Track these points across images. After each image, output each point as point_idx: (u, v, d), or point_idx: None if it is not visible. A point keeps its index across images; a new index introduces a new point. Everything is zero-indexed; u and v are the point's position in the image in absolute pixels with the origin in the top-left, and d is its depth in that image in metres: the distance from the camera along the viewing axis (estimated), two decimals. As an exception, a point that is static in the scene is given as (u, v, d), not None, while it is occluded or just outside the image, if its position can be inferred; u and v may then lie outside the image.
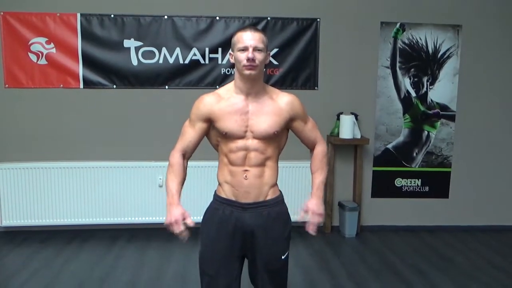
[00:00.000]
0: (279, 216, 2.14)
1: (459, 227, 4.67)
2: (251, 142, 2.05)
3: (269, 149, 2.09)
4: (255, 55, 1.96)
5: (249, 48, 1.96)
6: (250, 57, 1.95)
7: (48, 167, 4.20)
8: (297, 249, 4.10)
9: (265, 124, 2.04)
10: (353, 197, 4.56)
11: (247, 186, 2.06)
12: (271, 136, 2.06)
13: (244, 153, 2.05)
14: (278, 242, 2.12)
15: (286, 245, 2.16)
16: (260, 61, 1.99)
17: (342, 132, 4.31)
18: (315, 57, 4.40)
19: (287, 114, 2.11)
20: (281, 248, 2.13)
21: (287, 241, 2.17)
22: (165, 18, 4.24)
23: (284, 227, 2.15)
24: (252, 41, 1.97)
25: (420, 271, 3.68)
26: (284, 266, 2.16)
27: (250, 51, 1.95)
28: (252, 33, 1.99)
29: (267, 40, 2.05)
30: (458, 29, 4.44)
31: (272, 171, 2.13)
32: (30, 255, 3.86)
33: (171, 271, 3.57)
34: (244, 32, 2.00)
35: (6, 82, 4.20)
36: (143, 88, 4.33)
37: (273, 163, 2.13)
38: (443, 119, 4.55)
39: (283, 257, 2.13)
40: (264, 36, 2.03)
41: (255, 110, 2.05)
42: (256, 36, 1.99)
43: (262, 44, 1.99)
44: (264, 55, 2.01)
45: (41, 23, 4.15)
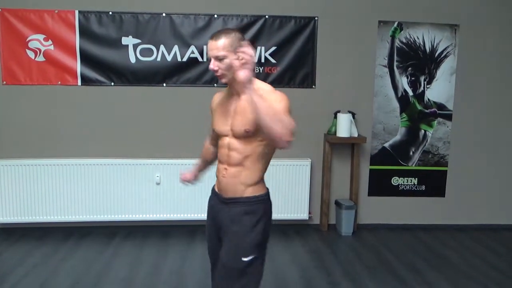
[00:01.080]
0: (247, 215, 2.06)
1: (455, 226, 4.69)
2: (231, 141, 2.08)
3: (248, 148, 2.05)
4: (216, 65, 2.01)
5: (211, 59, 2.02)
6: (211, 68, 2.02)
7: (45, 164, 4.20)
8: (293, 247, 4.12)
9: (239, 123, 2.05)
10: (350, 196, 4.58)
11: (225, 184, 2.13)
12: (244, 134, 2.03)
13: (226, 151, 2.11)
14: (240, 241, 2.05)
15: (251, 248, 2.04)
16: (224, 68, 2.01)
17: (339, 130, 4.32)
18: (313, 55, 4.41)
19: None
20: (242, 249, 2.03)
21: (253, 245, 2.04)
22: (163, 15, 4.25)
23: (250, 228, 2.05)
24: (212, 52, 2.01)
25: (415, 269, 3.70)
26: (244, 270, 2.03)
27: (211, 63, 2.02)
28: (211, 42, 2.01)
29: (235, 39, 2.00)
30: (455, 28, 4.45)
31: (250, 172, 2.07)
32: (27, 252, 3.86)
33: (168, 268, 3.58)
34: (209, 42, 2.04)
35: (4, 79, 4.20)
36: (141, 86, 4.33)
37: (252, 163, 2.07)
38: (440, 118, 4.57)
39: (244, 259, 2.02)
40: (226, 38, 1.99)
41: (237, 109, 2.07)
42: (214, 46, 2.00)
43: (223, 51, 1.98)
44: (228, 60, 1.99)
45: (39, 20, 4.14)
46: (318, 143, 4.52)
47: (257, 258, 2.07)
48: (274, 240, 4.21)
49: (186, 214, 4.31)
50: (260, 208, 2.10)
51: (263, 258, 2.12)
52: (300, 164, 4.39)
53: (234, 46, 2.01)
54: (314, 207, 4.58)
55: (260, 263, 2.10)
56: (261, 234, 2.07)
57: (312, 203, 4.55)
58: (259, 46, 4.34)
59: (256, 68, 4.37)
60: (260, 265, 2.10)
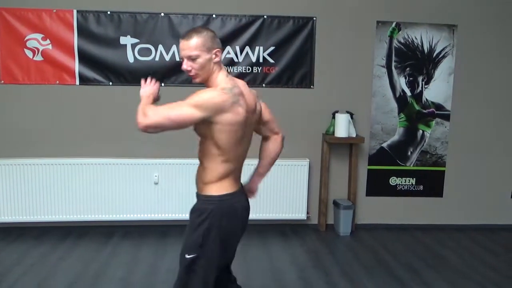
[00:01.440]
0: (196, 213, 2.05)
1: (453, 226, 4.70)
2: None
3: (202, 148, 2.07)
4: (189, 64, 2.00)
5: (184, 59, 2.01)
6: (183, 68, 2.02)
7: (43, 164, 4.20)
8: (291, 247, 4.12)
9: None
10: (348, 196, 4.58)
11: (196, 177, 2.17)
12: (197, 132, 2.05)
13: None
14: (187, 237, 2.05)
15: (192, 247, 2.01)
16: (197, 68, 2.00)
17: (338, 130, 4.32)
18: (311, 55, 4.41)
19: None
20: (187, 244, 2.03)
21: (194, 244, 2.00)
22: (162, 15, 4.24)
23: (194, 226, 2.02)
24: (184, 51, 2.00)
25: (413, 269, 3.70)
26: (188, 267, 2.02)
27: (184, 62, 2.01)
28: (183, 41, 2.00)
29: (207, 39, 2.00)
30: (453, 28, 4.46)
31: (205, 171, 2.06)
32: (25, 251, 3.86)
33: (165, 268, 3.58)
34: (180, 41, 2.03)
35: (2, 78, 4.20)
36: (139, 85, 4.27)
37: (207, 162, 2.06)
38: (438, 119, 4.57)
39: (187, 256, 2.01)
40: (198, 38, 1.98)
41: None
42: (186, 45, 1.98)
43: (196, 50, 1.97)
44: (201, 60, 1.98)
45: (37, 19, 4.14)
46: (316, 143, 4.52)
47: (199, 258, 2.01)
48: (272, 239, 4.24)
49: (184, 214, 4.26)
50: (207, 209, 2.02)
51: (207, 261, 2.02)
52: (298, 164, 4.39)
53: (206, 45, 2.00)
54: (312, 207, 4.58)
55: (204, 264, 2.02)
56: (202, 236, 1.99)
57: (310, 203, 4.55)
58: (257, 46, 4.34)
59: (254, 69, 4.37)
60: (203, 266, 2.02)
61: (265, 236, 4.34)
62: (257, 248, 4.06)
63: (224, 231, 2.03)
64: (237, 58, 4.34)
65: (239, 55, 4.34)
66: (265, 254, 3.93)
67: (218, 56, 2.04)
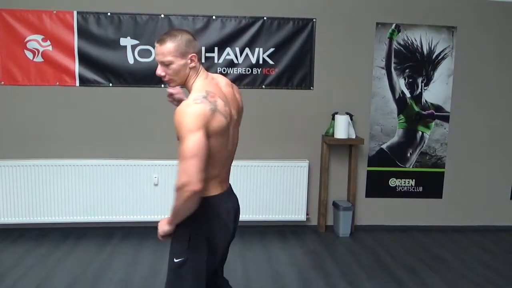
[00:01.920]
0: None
1: (452, 227, 4.70)
2: None
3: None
4: (162, 69, 1.96)
5: (158, 64, 1.97)
6: (157, 74, 1.97)
7: (43, 165, 4.20)
8: (291, 248, 4.12)
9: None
10: (348, 197, 4.58)
11: None
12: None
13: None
14: (173, 240, 2.02)
15: (181, 249, 1.97)
16: (171, 74, 1.96)
17: (337, 132, 4.33)
18: (311, 57, 4.42)
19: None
20: (174, 249, 2.01)
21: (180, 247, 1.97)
22: (162, 17, 4.25)
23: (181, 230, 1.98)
24: (158, 56, 1.95)
25: (412, 270, 3.71)
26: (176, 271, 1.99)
27: (158, 68, 1.97)
28: (158, 46, 1.95)
29: (181, 43, 1.93)
30: (453, 30, 4.47)
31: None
32: (25, 252, 3.86)
33: (165, 269, 3.55)
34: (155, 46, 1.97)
35: (2, 79, 4.20)
36: (139, 87, 4.33)
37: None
38: (437, 120, 4.58)
39: (175, 260, 1.98)
40: (172, 42, 1.91)
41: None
42: (159, 50, 1.94)
43: (169, 56, 1.91)
44: (175, 66, 1.93)
45: (37, 20, 4.14)
46: (316, 144, 4.52)
47: (187, 262, 1.96)
48: (271, 241, 4.25)
49: (183, 215, 4.30)
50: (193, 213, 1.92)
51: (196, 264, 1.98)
52: (297, 165, 4.39)
53: (180, 50, 1.93)
54: (311, 208, 4.59)
55: (192, 267, 1.97)
56: (187, 240, 1.95)
57: (309, 204, 4.55)
58: (257, 48, 4.34)
59: (254, 70, 4.38)
60: (192, 270, 1.97)
61: (264, 237, 4.34)
62: (257, 249, 4.06)
63: (209, 233, 1.99)
64: (236, 59, 4.34)
65: (239, 57, 4.34)
66: (264, 255, 3.93)
67: (194, 61, 1.97)
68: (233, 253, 2.23)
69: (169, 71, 1.95)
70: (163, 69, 1.95)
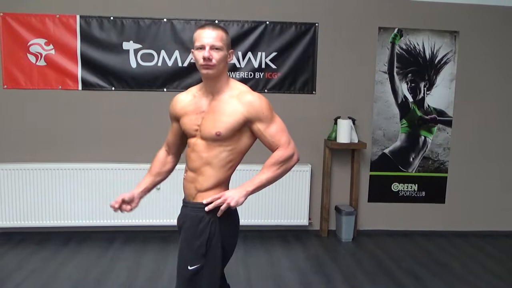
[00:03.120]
0: (193, 223, 1.96)
1: (455, 232, 4.68)
2: (197, 142, 2.01)
3: (212, 153, 1.97)
4: (212, 54, 1.90)
5: (206, 46, 1.90)
6: (206, 56, 1.89)
7: (45, 169, 4.20)
8: (293, 253, 4.11)
9: (211, 124, 1.96)
10: (350, 201, 4.57)
11: (184, 186, 2.10)
12: (214, 137, 1.94)
13: (190, 152, 2.06)
14: (185, 249, 1.98)
15: (195, 257, 1.93)
16: (218, 60, 1.92)
17: (339, 136, 4.32)
18: (313, 61, 4.42)
19: (242, 116, 1.94)
20: (187, 256, 1.96)
21: (197, 253, 1.93)
22: (165, 21, 4.25)
23: (194, 236, 1.95)
24: (210, 39, 1.91)
25: (415, 275, 3.69)
26: (191, 279, 1.93)
27: (206, 50, 1.90)
28: (210, 30, 1.92)
29: (228, 38, 1.99)
30: (455, 35, 4.46)
31: (205, 178, 1.99)
32: (27, 256, 3.85)
33: (168, 274, 3.56)
34: (203, 29, 1.93)
35: (5, 83, 4.20)
36: (141, 91, 4.33)
37: (211, 169, 1.98)
38: (439, 125, 4.57)
39: (190, 268, 1.93)
40: (224, 33, 1.95)
41: (210, 109, 1.99)
42: (214, 34, 1.91)
43: (221, 42, 1.92)
44: (223, 53, 1.93)
45: (40, 25, 4.15)
46: (318, 148, 4.52)
47: (204, 268, 1.94)
48: (273, 245, 4.23)
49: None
50: (205, 217, 1.94)
51: (213, 270, 1.96)
52: (300, 170, 4.39)
53: (228, 42, 1.98)
54: (314, 212, 4.58)
55: (209, 274, 1.95)
56: (204, 245, 1.93)
57: (312, 208, 4.54)
58: (259, 52, 4.35)
59: (256, 74, 4.38)
60: (208, 276, 1.95)
61: (266, 242, 4.33)
62: (259, 254, 4.05)
63: (223, 238, 1.99)
64: (239, 63, 4.34)
65: (241, 61, 4.35)
66: (266, 260, 3.92)
67: (231, 57, 2.02)
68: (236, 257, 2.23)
69: (216, 56, 1.92)
70: (212, 53, 1.91)
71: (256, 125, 1.97)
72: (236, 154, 2.01)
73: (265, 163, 2.01)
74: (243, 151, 2.03)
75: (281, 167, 1.98)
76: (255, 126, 1.97)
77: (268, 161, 2.00)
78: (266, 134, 1.97)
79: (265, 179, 1.98)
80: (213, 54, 1.91)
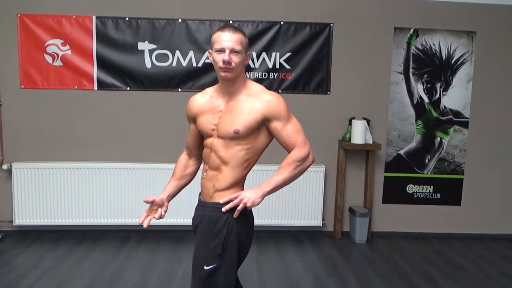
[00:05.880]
0: (210, 223, 1.98)
1: (471, 235, 4.63)
2: (215, 142, 2.03)
3: (229, 152, 1.99)
4: (232, 57, 1.93)
5: (226, 50, 1.93)
6: (226, 59, 1.92)
7: (61, 168, 4.25)
8: (307, 254, 4.10)
9: (229, 122, 1.98)
10: (364, 203, 4.55)
11: (203, 185, 2.11)
12: (232, 135, 1.97)
13: (209, 152, 2.07)
14: (201, 249, 1.99)
15: (212, 257, 1.95)
16: (237, 63, 1.95)
17: (354, 137, 4.31)
18: (328, 61, 4.41)
19: (260, 114, 1.97)
20: (204, 256, 1.97)
21: (215, 253, 1.95)
22: (179, 21, 4.28)
23: (210, 236, 1.96)
24: (229, 43, 1.94)
25: (430, 278, 3.66)
26: (208, 279, 1.95)
27: (226, 53, 1.93)
28: (230, 34, 1.95)
29: (247, 41, 2.02)
30: (472, 35, 4.42)
31: (224, 176, 2.01)
32: (42, 255, 3.91)
33: (181, 273, 3.59)
34: (223, 32, 1.96)
35: (22, 83, 4.27)
36: (156, 91, 4.37)
37: (230, 168, 2.00)
38: (456, 126, 4.53)
39: (206, 268, 1.94)
40: (243, 36, 1.99)
41: (228, 108, 2.02)
42: (234, 38, 1.95)
43: (240, 46, 1.95)
44: (241, 57, 1.97)
45: (57, 25, 4.21)
46: (332, 149, 4.51)
47: (220, 269, 1.95)
48: (287, 246, 4.23)
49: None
50: (221, 217, 1.96)
51: (229, 270, 1.98)
52: (314, 171, 4.38)
53: (246, 45, 2.01)
54: (327, 214, 4.57)
55: (225, 274, 1.96)
56: (221, 245, 1.94)
57: (325, 210, 4.53)
58: (274, 52, 4.35)
59: (271, 74, 4.39)
60: (224, 276, 1.96)
61: (279, 242, 4.33)
62: (272, 255, 4.05)
63: (239, 238, 2.00)
64: (253, 64, 4.35)
65: (255, 61, 4.35)
66: (279, 261, 3.92)
67: (248, 60, 2.06)
68: (249, 259, 2.23)
69: (235, 59, 1.95)
70: (231, 57, 1.94)
71: (274, 123, 1.99)
72: (253, 153, 2.03)
73: (282, 164, 2.02)
74: (260, 150, 2.06)
75: (298, 167, 2.00)
76: (273, 125, 2.00)
77: (284, 161, 2.02)
78: (283, 133, 2.00)
79: (281, 180, 1.99)
80: (233, 57, 1.94)
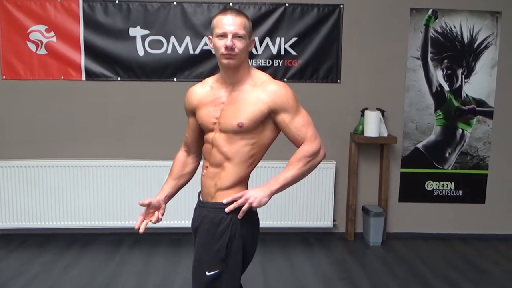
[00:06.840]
0: (212, 225, 1.97)
1: (496, 236, 4.63)
2: (217, 136, 2.02)
3: (233, 148, 1.98)
4: (235, 42, 1.91)
5: (228, 34, 1.91)
6: (229, 45, 1.90)
7: (47, 165, 4.25)
8: (316, 258, 4.10)
9: (232, 114, 1.97)
10: (379, 201, 4.55)
11: (203, 183, 2.10)
12: (235, 129, 1.95)
13: (210, 148, 2.06)
14: (203, 253, 1.99)
15: (214, 261, 1.94)
16: (240, 49, 1.93)
17: (367, 129, 4.29)
18: (338, 47, 4.38)
19: (266, 105, 1.95)
20: (205, 261, 1.97)
21: (217, 258, 1.94)
22: (174, 4, 4.26)
23: (213, 239, 1.95)
24: (232, 27, 1.91)
25: (451, 283, 3.65)
26: (210, 285, 1.94)
27: (229, 38, 1.91)
28: (233, 17, 1.93)
29: (251, 25, 2.00)
30: (497, 16, 4.39)
31: (227, 174, 2.00)
32: (28, 260, 3.91)
33: (180, 279, 3.59)
34: (225, 15, 1.94)
35: (3, 74, 4.26)
36: (149, 81, 4.36)
37: (234, 166, 1.99)
38: (479, 116, 4.51)
39: (208, 273, 1.93)
40: (247, 20, 1.97)
41: (230, 100, 2.00)
42: (237, 21, 1.92)
43: (244, 30, 1.93)
44: (245, 42, 1.95)
45: (40, 10, 4.19)
46: (343, 143, 4.50)
47: (223, 274, 1.94)
48: (295, 249, 4.23)
49: (198, 221, 4.31)
50: (225, 218, 1.95)
51: (233, 276, 1.98)
52: (323, 167, 4.37)
53: (251, 30, 2.00)
54: (339, 214, 4.56)
55: (228, 280, 1.96)
56: (224, 249, 1.93)
57: (337, 209, 4.53)
58: (278, 37, 4.33)
59: (275, 61, 4.37)
60: (228, 282, 1.96)
61: (287, 245, 4.33)
62: (279, 258, 4.06)
63: (245, 240, 2.00)
64: (256, 50, 4.33)
65: (258, 47, 4.33)
66: (287, 266, 3.93)
67: (252, 46, 2.06)
68: (254, 263, 2.22)
69: (239, 45, 1.93)
70: (234, 42, 1.92)
71: (281, 116, 1.98)
72: (259, 149, 2.02)
73: (290, 160, 2.00)
74: (266, 145, 2.04)
75: (308, 163, 1.98)
76: (280, 117, 1.98)
77: (293, 157, 2.00)
78: (291, 126, 1.98)
79: (290, 177, 1.96)
80: (236, 43, 1.92)
